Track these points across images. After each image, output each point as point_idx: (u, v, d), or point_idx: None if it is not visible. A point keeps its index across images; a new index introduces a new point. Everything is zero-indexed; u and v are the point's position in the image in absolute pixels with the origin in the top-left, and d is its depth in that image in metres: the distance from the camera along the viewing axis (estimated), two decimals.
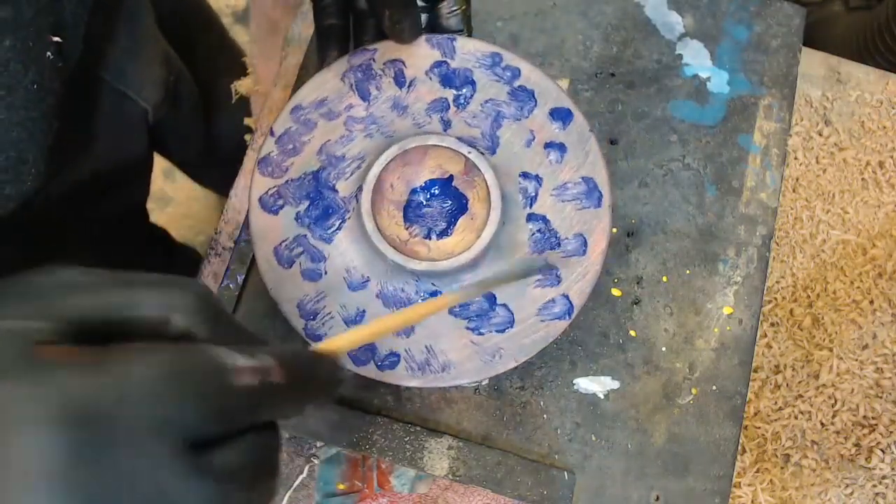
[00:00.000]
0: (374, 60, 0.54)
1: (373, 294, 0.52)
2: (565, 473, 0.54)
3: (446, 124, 0.54)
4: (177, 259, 1.07)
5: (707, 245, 0.60)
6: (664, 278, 0.60)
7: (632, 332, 0.58)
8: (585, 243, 0.52)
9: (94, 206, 0.71)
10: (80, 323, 0.25)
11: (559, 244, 0.53)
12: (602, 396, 0.57)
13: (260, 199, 0.53)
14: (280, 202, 0.52)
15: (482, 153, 0.53)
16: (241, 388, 0.25)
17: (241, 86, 0.73)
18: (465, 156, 0.52)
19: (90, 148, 0.63)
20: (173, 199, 1.59)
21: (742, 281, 0.60)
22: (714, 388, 0.57)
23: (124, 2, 0.65)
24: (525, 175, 0.54)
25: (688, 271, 0.60)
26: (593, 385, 0.57)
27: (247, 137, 0.68)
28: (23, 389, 0.22)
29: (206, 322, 0.27)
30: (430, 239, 0.53)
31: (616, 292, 0.59)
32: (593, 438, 0.56)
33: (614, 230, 0.60)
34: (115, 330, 0.26)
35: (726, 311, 0.59)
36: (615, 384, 0.57)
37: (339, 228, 0.53)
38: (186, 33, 0.82)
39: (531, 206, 0.53)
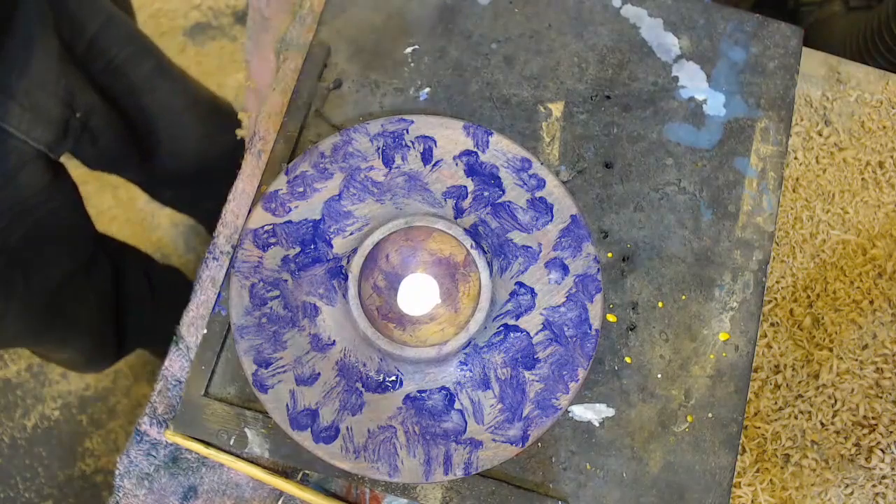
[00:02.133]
0: (406, 132, 0.54)
1: (333, 360, 0.51)
2: (559, 503, 0.54)
3: (459, 212, 0.54)
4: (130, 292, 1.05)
5: (703, 270, 0.60)
6: (660, 304, 0.59)
7: (627, 359, 0.58)
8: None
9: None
10: None
11: (533, 365, 0.53)
12: (597, 424, 0.57)
13: (254, 233, 0.52)
14: (272, 241, 0.52)
15: (485, 252, 0.52)
16: None
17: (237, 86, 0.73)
18: (467, 249, 0.51)
19: None
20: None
21: (738, 306, 0.59)
22: (710, 415, 0.57)
23: (7, 50, 0.65)
24: (521, 285, 0.53)
25: (683, 297, 0.60)
26: (588, 413, 0.57)
27: (239, 133, 0.68)
28: None
29: None
30: (409, 321, 0.52)
31: (611, 318, 0.59)
32: (588, 467, 0.56)
33: (609, 255, 0.60)
34: None
35: (722, 336, 0.59)
36: (610, 412, 0.57)
37: (321, 284, 0.52)
38: (117, 64, 0.82)
39: (517, 318, 0.53)
